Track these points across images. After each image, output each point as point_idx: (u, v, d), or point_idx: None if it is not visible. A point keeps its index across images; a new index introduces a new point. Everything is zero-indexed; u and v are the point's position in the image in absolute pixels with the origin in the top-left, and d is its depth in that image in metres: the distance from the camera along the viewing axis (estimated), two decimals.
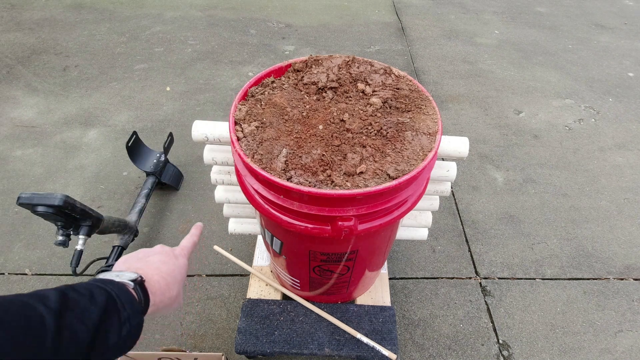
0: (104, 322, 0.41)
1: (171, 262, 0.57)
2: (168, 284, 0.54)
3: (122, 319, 0.43)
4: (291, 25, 2.94)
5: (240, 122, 0.76)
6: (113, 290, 0.44)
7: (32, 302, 0.36)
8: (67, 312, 0.38)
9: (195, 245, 0.67)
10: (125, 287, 0.47)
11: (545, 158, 1.95)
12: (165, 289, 0.53)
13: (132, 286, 0.47)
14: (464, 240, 1.56)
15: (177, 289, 0.56)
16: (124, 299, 0.44)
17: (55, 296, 0.38)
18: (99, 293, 0.42)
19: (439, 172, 0.90)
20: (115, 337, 0.42)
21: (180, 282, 0.57)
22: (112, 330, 0.41)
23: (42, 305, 0.37)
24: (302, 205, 0.67)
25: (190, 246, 0.65)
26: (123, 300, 0.44)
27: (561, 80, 2.52)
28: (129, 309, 0.44)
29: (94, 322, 0.39)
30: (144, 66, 2.42)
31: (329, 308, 1.12)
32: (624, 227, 1.64)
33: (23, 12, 2.92)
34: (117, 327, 0.42)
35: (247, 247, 1.48)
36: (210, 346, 1.22)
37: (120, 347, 0.43)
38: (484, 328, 1.30)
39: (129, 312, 0.44)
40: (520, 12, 3.36)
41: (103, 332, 0.40)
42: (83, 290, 0.42)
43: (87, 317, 0.39)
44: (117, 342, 0.42)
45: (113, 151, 1.85)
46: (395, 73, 0.88)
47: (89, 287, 0.43)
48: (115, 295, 0.44)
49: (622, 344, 1.28)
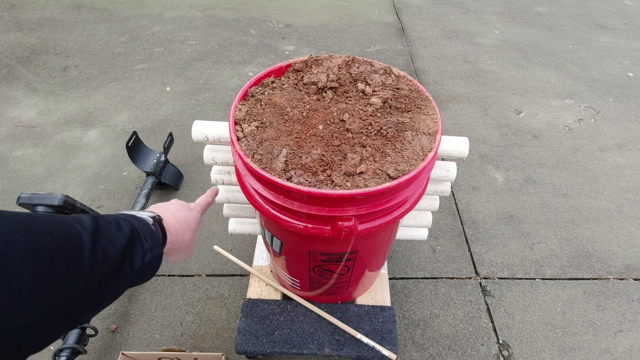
0: (130, 248, 0.45)
1: (185, 211, 0.62)
2: (183, 228, 0.59)
3: (145, 248, 0.47)
4: (291, 25, 2.94)
5: (240, 122, 0.76)
6: (136, 223, 0.48)
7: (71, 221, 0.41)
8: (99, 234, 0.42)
9: (209, 205, 0.72)
10: (146, 222, 0.51)
11: (545, 158, 1.95)
12: (180, 231, 0.58)
13: (151, 222, 0.52)
14: (464, 240, 1.56)
15: (191, 235, 0.61)
16: (145, 232, 0.49)
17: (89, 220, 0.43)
18: (124, 224, 0.47)
19: (439, 172, 0.90)
20: (139, 262, 0.46)
21: (194, 231, 0.62)
22: (137, 256, 0.46)
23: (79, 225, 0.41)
24: (302, 205, 0.67)
25: (204, 204, 0.70)
26: (145, 232, 0.49)
27: (561, 80, 2.52)
28: (150, 240, 0.49)
29: (122, 246, 0.44)
30: (144, 66, 2.42)
31: (329, 308, 1.12)
32: (624, 227, 1.64)
33: (23, 12, 2.92)
34: (141, 254, 0.47)
35: (247, 247, 1.48)
36: (210, 346, 1.22)
37: (144, 273, 0.47)
38: (484, 328, 1.30)
39: (150, 243, 0.48)
40: (520, 12, 3.36)
41: (130, 256, 0.45)
42: (111, 219, 0.46)
43: (117, 241, 0.44)
44: (142, 267, 0.46)
45: (113, 151, 1.85)
46: (395, 73, 0.88)
47: (116, 218, 0.47)
48: (138, 227, 0.48)
49: (622, 344, 1.28)
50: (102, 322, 1.25)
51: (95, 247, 0.40)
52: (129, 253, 0.45)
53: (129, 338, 1.23)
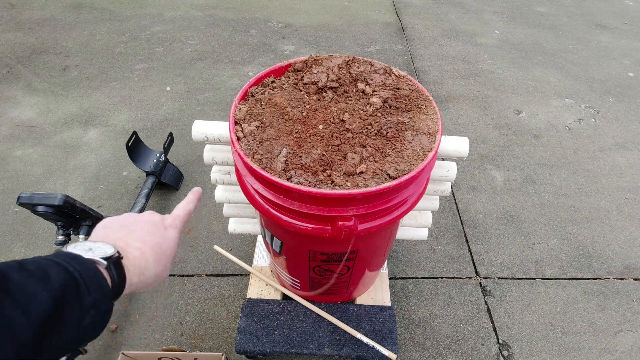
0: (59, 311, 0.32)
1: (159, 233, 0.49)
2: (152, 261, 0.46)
3: (85, 306, 0.35)
4: (291, 25, 2.94)
5: (240, 122, 0.76)
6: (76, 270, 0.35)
7: None
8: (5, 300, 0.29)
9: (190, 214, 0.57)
10: (95, 265, 0.38)
11: (545, 158, 1.95)
12: (147, 265, 0.45)
13: (104, 265, 0.39)
14: (464, 240, 1.56)
15: (164, 264, 0.48)
16: (89, 281, 0.36)
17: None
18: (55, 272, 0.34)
19: (439, 172, 0.90)
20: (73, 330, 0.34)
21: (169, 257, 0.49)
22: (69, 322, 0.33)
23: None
24: (302, 205, 0.67)
25: (183, 215, 0.56)
26: (88, 282, 0.36)
27: (561, 80, 2.52)
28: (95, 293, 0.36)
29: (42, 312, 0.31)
30: (144, 66, 2.42)
31: (329, 308, 1.12)
32: (624, 227, 1.64)
33: (23, 12, 2.92)
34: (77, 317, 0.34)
35: (247, 247, 1.48)
36: (210, 346, 1.22)
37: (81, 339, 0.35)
38: (484, 328, 1.30)
39: (94, 297, 0.36)
40: (521, 12, 3.36)
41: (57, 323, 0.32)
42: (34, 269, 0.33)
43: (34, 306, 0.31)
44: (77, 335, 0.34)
45: (113, 151, 1.85)
46: (395, 73, 0.88)
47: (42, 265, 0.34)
48: (79, 276, 0.35)
49: (622, 344, 1.28)
50: None
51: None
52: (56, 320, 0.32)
53: (129, 338, 1.23)
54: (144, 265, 0.45)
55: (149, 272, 0.45)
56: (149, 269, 0.45)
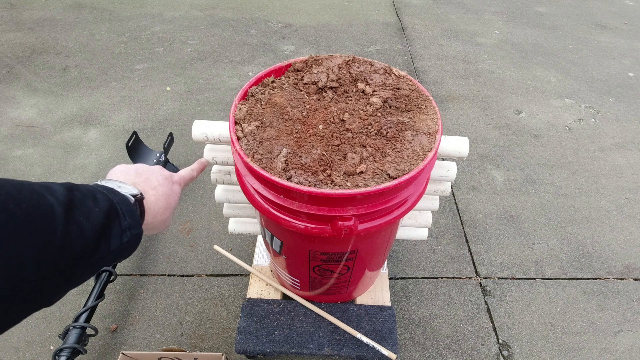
0: (107, 225, 0.41)
1: (168, 185, 0.56)
2: (162, 207, 0.53)
3: (123, 226, 0.43)
4: (291, 25, 2.94)
5: (240, 122, 0.76)
6: (115, 199, 0.44)
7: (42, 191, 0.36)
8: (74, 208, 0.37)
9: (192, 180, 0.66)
10: (127, 199, 0.46)
11: (545, 158, 1.95)
12: (159, 211, 0.53)
13: (132, 201, 0.47)
14: (464, 240, 1.56)
15: (168, 213, 0.55)
16: (125, 209, 0.44)
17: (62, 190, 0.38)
18: (102, 198, 0.42)
19: (439, 172, 0.90)
20: (117, 242, 0.42)
21: (172, 209, 0.57)
22: (114, 234, 0.42)
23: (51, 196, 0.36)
24: (302, 205, 0.67)
25: (188, 178, 0.64)
26: (124, 209, 0.44)
27: (561, 80, 2.52)
28: (129, 218, 0.44)
29: (98, 222, 0.39)
30: (144, 66, 2.42)
31: (329, 308, 1.12)
32: (624, 227, 1.64)
33: (23, 12, 2.92)
34: (119, 233, 0.42)
35: (247, 247, 1.48)
36: (210, 346, 1.22)
37: (121, 253, 0.43)
38: (484, 328, 1.30)
39: (129, 222, 0.44)
40: (521, 12, 3.36)
41: (107, 234, 0.41)
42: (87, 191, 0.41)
43: (92, 217, 0.39)
44: (118, 247, 0.42)
45: (113, 151, 1.85)
46: (396, 73, 0.88)
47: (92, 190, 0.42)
48: (117, 204, 0.43)
49: (622, 344, 1.28)
50: (102, 322, 1.25)
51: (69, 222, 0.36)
52: (106, 231, 0.41)
53: (129, 338, 1.23)
54: (156, 209, 0.52)
55: (159, 216, 0.53)
56: (159, 213, 0.53)
